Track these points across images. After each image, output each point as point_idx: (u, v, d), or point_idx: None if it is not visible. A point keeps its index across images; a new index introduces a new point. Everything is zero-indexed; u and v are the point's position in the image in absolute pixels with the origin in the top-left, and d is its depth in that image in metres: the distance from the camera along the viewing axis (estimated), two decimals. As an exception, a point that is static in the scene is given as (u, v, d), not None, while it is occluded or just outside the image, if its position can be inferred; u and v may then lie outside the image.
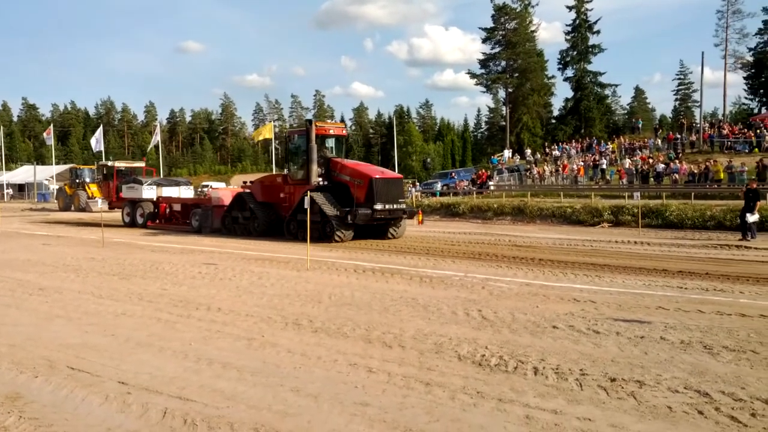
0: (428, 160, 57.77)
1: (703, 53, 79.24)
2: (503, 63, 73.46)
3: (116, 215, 31.61)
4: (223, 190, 26.24)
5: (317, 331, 8.00)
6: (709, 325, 7.96)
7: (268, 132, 40.89)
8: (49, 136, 62.71)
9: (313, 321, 8.54)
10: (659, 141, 46.80)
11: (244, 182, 24.16)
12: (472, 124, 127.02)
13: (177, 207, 27.73)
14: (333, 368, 6.43)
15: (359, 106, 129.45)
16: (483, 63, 74.38)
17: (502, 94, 77.75)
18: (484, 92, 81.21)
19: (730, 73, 75.54)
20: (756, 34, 72.74)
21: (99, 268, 14.19)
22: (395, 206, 19.46)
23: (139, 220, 28.03)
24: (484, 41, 74.64)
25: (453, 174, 55.83)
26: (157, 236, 22.79)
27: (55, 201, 49.00)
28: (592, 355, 6.74)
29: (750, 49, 73.46)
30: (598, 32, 70.31)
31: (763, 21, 72.91)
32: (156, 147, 49.42)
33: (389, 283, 11.77)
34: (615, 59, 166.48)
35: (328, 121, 20.25)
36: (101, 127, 59.64)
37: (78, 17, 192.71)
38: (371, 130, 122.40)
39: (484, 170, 52.80)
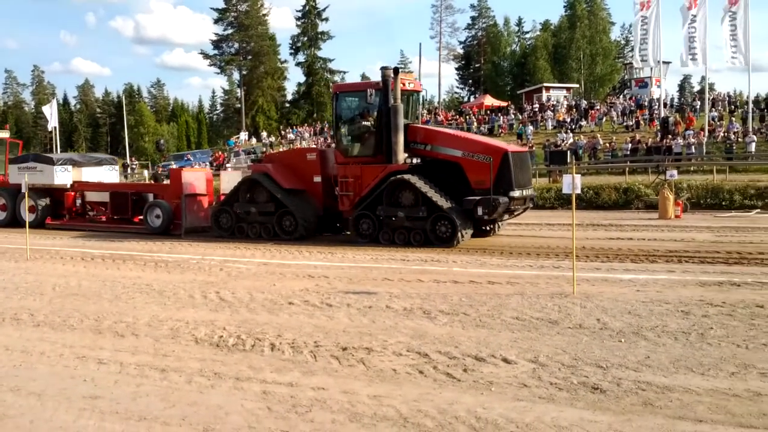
0: (162, 141, 54.68)
1: (420, 44, 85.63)
2: (236, 45, 72.91)
3: None
4: (192, 173, 18.72)
5: (39, 325, 7.43)
6: (427, 293, 8.78)
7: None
8: None
9: (35, 314, 7.91)
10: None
11: (254, 158, 16.93)
12: (207, 105, 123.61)
13: (99, 197, 19.24)
14: (59, 363, 6.03)
15: (84, 84, 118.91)
16: (216, 44, 73.28)
17: (236, 76, 77.16)
18: (218, 74, 79.99)
19: (444, 64, 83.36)
20: (465, 28, 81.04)
21: None
22: (529, 192, 14.46)
23: (29, 217, 16.94)
24: (215, 22, 73.46)
25: (189, 156, 54.08)
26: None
27: None
28: (325, 327, 7.12)
29: (460, 42, 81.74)
30: (326, 19, 72.83)
31: (471, 17, 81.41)
32: None
33: (121, 270, 11.24)
34: (343, 47, 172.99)
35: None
36: None
37: None
38: (98, 110, 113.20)
39: (221, 152, 52.15)
